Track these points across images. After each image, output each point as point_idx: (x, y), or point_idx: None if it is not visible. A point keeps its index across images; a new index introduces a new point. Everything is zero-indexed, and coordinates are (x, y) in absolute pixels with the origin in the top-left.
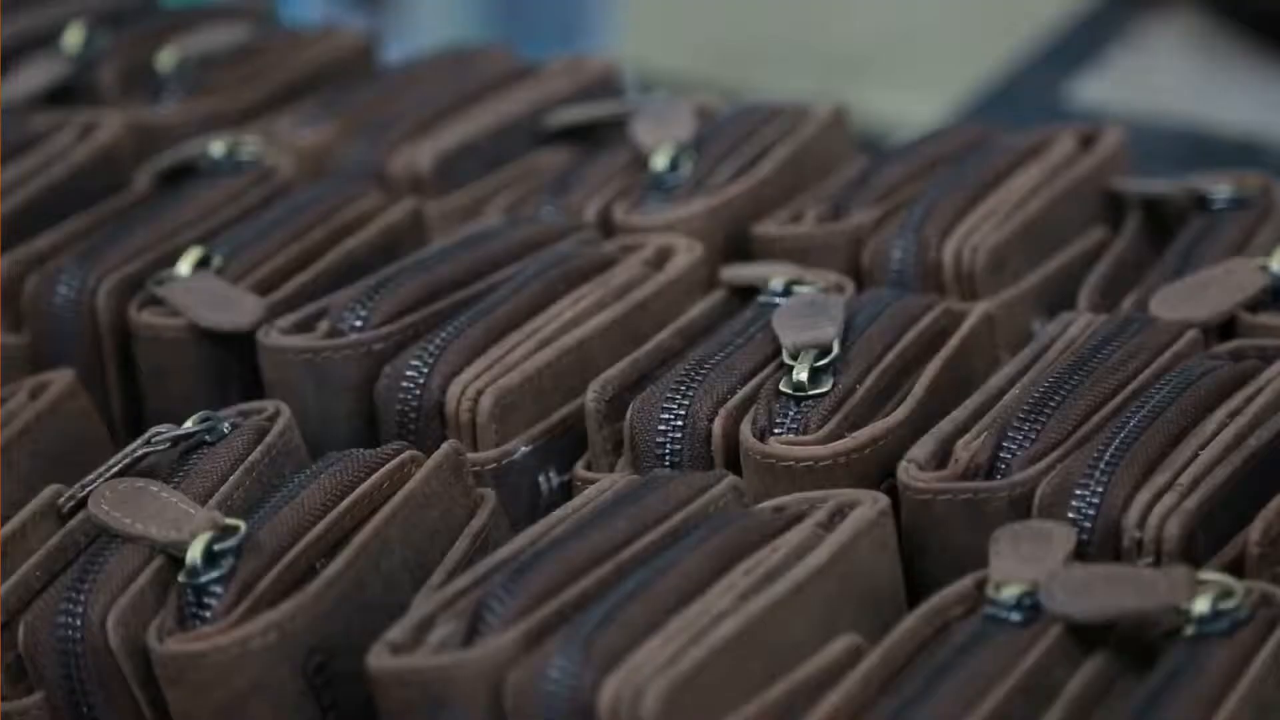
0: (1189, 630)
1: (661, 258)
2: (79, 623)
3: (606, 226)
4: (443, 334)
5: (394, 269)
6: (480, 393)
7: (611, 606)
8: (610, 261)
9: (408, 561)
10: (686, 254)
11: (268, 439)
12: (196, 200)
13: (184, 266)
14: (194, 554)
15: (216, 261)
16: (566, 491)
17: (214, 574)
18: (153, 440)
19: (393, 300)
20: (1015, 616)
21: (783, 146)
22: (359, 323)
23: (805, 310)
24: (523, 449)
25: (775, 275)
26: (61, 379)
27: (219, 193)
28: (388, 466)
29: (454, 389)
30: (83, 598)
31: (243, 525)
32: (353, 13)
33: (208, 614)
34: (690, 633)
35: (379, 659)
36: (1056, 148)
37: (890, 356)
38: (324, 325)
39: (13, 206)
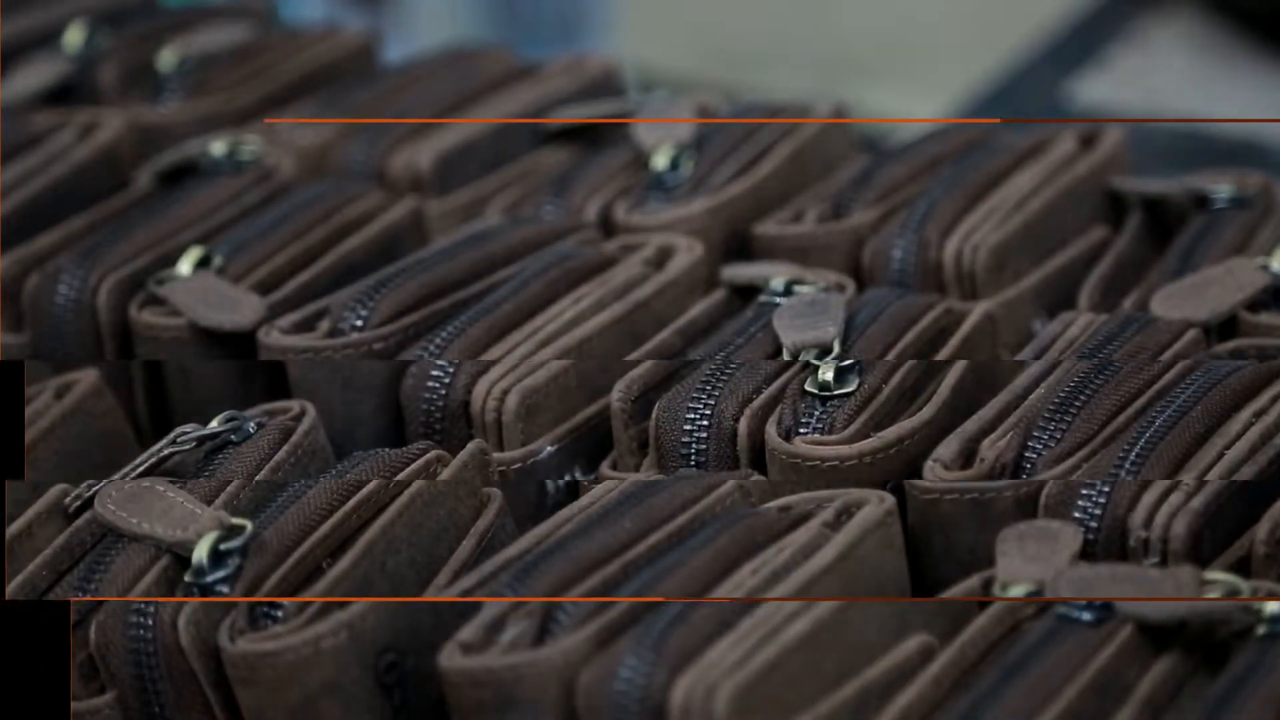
0: (1260, 630)
1: (662, 257)
2: (150, 623)
3: (607, 226)
4: (444, 333)
5: (394, 269)
6: (506, 392)
7: (683, 606)
8: (611, 261)
9: (415, 560)
10: (687, 253)
11: (293, 438)
12: (197, 200)
13: (184, 266)
14: (200, 554)
15: (217, 261)
16: None
17: (220, 574)
18: (178, 440)
19: (393, 300)
20: (1086, 616)
21: (783, 146)
22: (360, 322)
23: (806, 310)
24: (548, 448)
25: (776, 275)
26: (86, 379)
27: (219, 192)
28: (413, 466)
29: (479, 389)
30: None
31: (249, 525)
32: (353, 13)
33: (278, 613)
34: (761, 632)
35: (451, 659)
36: (1056, 148)
37: (891, 356)
38: (325, 325)
39: (13, 206)
